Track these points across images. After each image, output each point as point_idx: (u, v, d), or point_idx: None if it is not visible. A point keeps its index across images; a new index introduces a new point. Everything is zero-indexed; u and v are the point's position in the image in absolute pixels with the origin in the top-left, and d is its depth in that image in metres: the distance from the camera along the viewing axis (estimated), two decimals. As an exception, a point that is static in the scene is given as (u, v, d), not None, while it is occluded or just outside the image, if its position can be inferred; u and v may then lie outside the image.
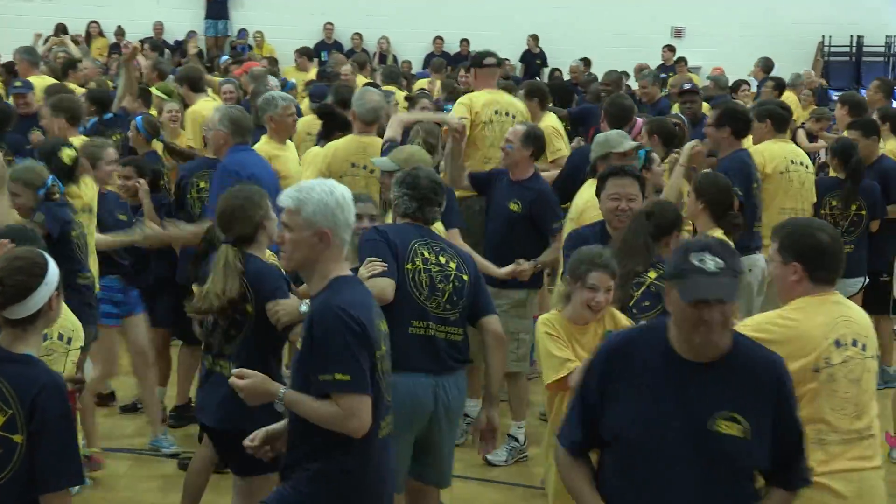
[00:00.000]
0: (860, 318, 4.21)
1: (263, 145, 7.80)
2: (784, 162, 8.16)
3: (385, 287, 5.09)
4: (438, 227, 5.76)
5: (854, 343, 4.11)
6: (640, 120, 8.44)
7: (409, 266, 5.28)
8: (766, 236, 7.30)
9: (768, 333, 3.94)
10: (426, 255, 5.32)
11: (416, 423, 5.24)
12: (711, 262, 3.26)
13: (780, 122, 8.32)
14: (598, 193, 5.91)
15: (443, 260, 5.37)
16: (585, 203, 6.56)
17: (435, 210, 5.44)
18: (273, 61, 18.39)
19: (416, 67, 21.71)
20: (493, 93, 8.44)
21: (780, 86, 14.27)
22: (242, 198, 5.19)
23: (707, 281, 3.27)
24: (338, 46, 22.26)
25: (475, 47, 21.95)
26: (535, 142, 7.34)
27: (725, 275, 3.30)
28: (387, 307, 4.82)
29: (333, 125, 8.63)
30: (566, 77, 18.94)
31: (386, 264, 5.16)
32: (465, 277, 5.42)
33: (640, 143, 7.08)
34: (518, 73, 20.96)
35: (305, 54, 18.42)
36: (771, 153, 8.08)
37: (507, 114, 8.26)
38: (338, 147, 7.91)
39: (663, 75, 17.19)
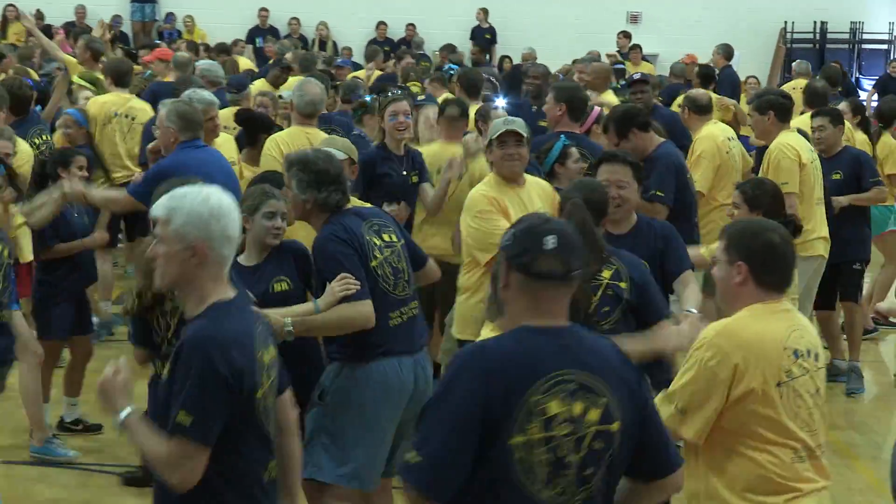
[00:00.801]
0: (810, 326, 4.12)
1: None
2: (809, 153, 8.14)
3: (369, 315, 5.17)
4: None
5: (809, 354, 4.00)
6: (597, 109, 8.44)
7: (374, 264, 5.30)
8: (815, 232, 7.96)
9: (730, 336, 3.88)
10: (376, 241, 5.35)
11: (400, 408, 5.33)
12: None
13: (783, 112, 8.14)
14: None
15: (386, 237, 5.41)
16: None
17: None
18: (195, 47, 17.85)
19: (358, 56, 21.35)
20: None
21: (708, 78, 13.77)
22: None
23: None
24: (274, 32, 21.91)
25: (422, 33, 22.07)
26: None
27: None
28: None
29: (256, 129, 8.48)
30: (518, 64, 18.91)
31: (358, 283, 5.16)
32: (403, 241, 5.51)
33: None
34: (468, 54, 20.72)
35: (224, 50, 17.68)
36: (799, 145, 8.00)
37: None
38: (282, 140, 7.87)
39: (619, 65, 17.02)
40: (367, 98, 9.38)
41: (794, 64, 16.14)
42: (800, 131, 8.50)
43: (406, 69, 14.05)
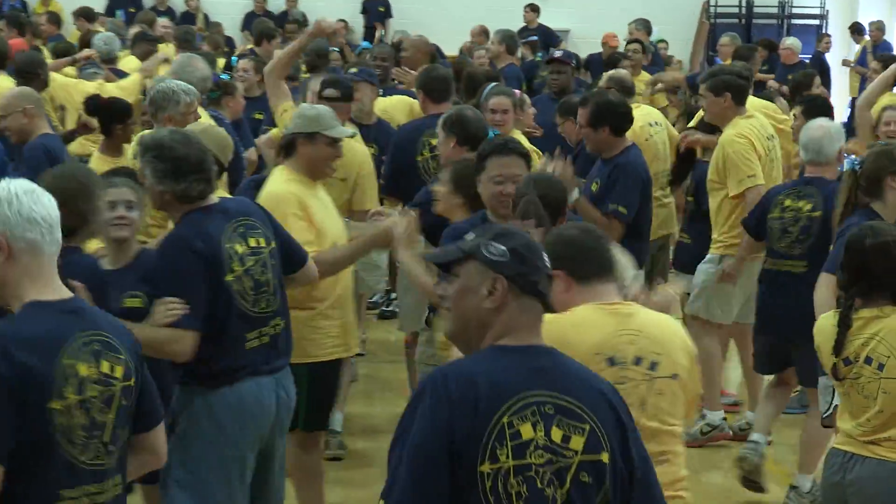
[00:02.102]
0: (658, 332, 4.04)
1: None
2: (765, 141, 7.94)
3: (185, 350, 4.92)
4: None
5: (638, 361, 3.97)
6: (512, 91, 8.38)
7: (229, 278, 5.04)
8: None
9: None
10: (239, 248, 5.10)
11: (261, 435, 5.18)
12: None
13: (740, 94, 7.95)
14: (476, 175, 5.73)
15: (253, 242, 5.17)
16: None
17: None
18: (57, 19, 16.83)
19: (233, 31, 20.19)
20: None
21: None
22: (76, 183, 5.08)
23: None
24: (136, 3, 20.52)
25: (304, 7, 20.89)
26: None
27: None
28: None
29: (111, 118, 7.86)
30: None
31: (181, 309, 4.90)
32: (274, 244, 5.27)
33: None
34: (361, 28, 20.13)
35: (84, 15, 16.53)
36: (753, 132, 7.83)
37: None
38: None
39: (534, 38, 16.40)
40: (225, 77, 9.16)
41: (722, 38, 15.60)
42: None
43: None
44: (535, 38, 16.50)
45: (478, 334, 3.27)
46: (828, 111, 8.39)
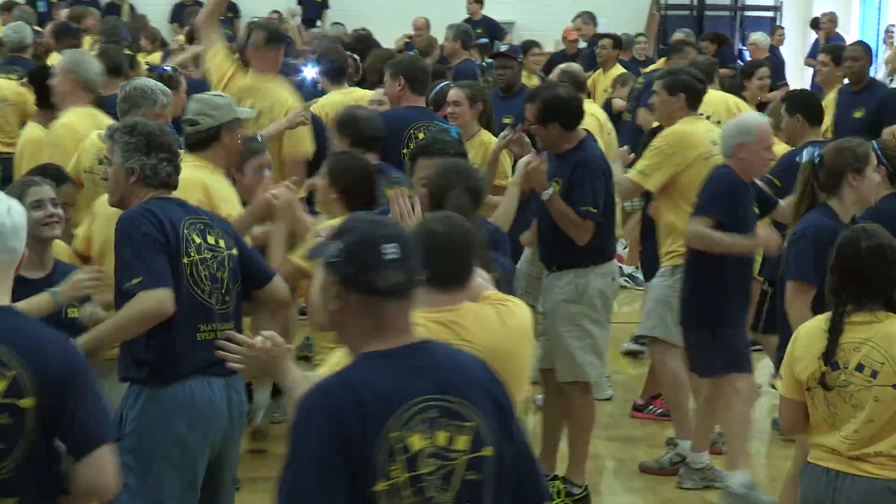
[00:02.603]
0: (493, 338, 4.01)
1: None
2: (709, 146, 7.77)
3: (164, 299, 4.92)
4: None
5: None
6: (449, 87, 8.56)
7: (186, 260, 5.07)
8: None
9: None
10: (196, 239, 5.12)
11: (214, 437, 5.13)
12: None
13: (695, 97, 7.91)
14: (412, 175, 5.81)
15: (212, 240, 5.18)
16: None
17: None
18: None
19: (160, 21, 19.61)
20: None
21: (620, 43, 14.11)
22: None
23: None
24: None
25: None
26: None
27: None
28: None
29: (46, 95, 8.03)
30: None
31: (149, 269, 4.93)
32: (235, 251, 5.27)
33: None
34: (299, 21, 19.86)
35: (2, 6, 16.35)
36: (698, 138, 7.79)
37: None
38: (79, 125, 7.44)
39: (484, 41, 16.03)
40: (168, 69, 8.90)
41: (677, 34, 15.10)
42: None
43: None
44: (485, 40, 16.18)
45: (339, 336, 3.28)
46: (811, 107, 8.25)
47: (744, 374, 7.08)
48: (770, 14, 21.96)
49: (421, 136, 7.63)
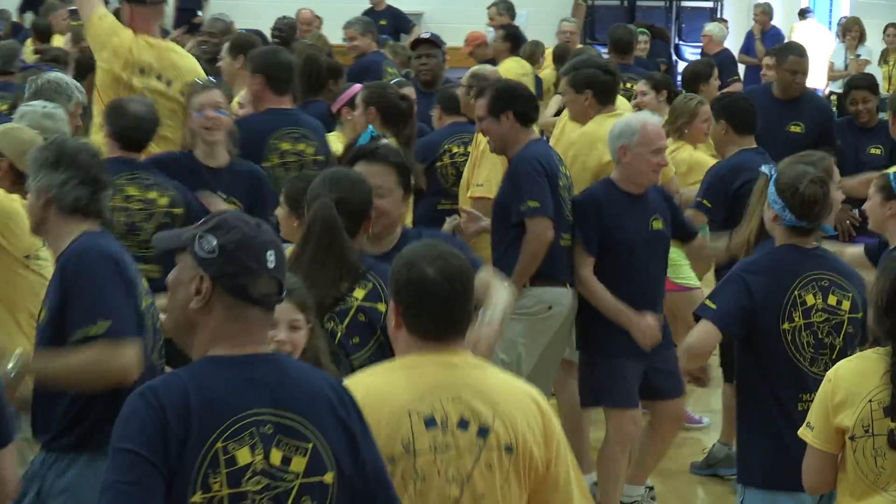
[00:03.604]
0: (490, 386, 3.76)
1: None
2: None
3: (130, 363, 4.67)
4: None
5: (463, 425, 3.69)
6: (357, 86, 8.27)
7: (144, 305, 4.95)
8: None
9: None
10: (145, 283, 5.01)
11: None
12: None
13: (605, 92, 7.94)
14: None
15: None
16: None
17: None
18: None
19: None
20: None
21: (515, 36, 13.96)
22: None
23: None
24: None
25: None
26: None
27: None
28: None
29: None
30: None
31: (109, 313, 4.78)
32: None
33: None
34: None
35: None
36: (605, 135, 7.46)
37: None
38: None
39: (386, 37, 15.55)
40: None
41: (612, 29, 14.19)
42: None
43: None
44: (386, 37, 15.59)
45: (189, 335, 3.28)
46: (738, 113, 7.93)
47: (619, 409, 6.98)
48: (710, 4, 22.00)
49: (285, 146, 7.54)
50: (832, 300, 5.23)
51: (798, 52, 9.67)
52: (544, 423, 3.79)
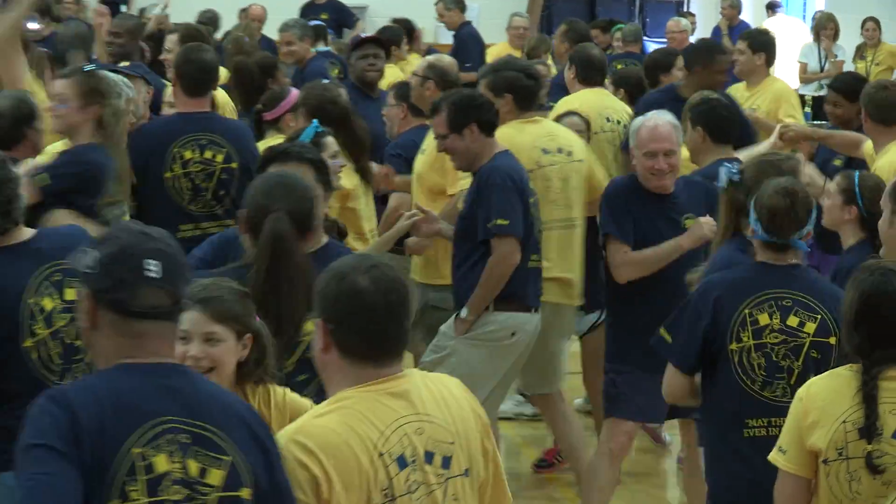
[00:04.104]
0: (447, 410, 3.67)
1: None
2: (550, 156, 7.80)
3: None
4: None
5: (429, 458, 3.61)
6: (294, 91, 8.17)
7: (28, 343, 4.93)
8: None
9: (308, 441, 3.51)
10: (48, 304, 4.95)
11: None
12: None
13: (525, 97, 7.88)
14: None
15: (71, 294, 4.95)
16: None
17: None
18: None
19: None
20: None
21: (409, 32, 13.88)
22: None
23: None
24: None
25: None
26: None
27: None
28: None
29: None
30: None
31: None
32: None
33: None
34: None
35: None
36: (519, 145, 7.59)
37: None
38: None
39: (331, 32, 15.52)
40: None
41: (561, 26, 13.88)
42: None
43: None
44: (331, 31, 15.46)
45: (92, 354, 3.31)
46: (717, 120, 7.59)
47: (618, 420, 6.98)
48: (676, -4, 21.46)
49: (189, 154, 7.33)
50: (793, 321, 5.15)
51: (722, 50, 9.82)
52: (484, 434, 3.76)
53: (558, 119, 8.39)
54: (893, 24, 18.60)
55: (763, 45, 10.09)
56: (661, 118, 6.92)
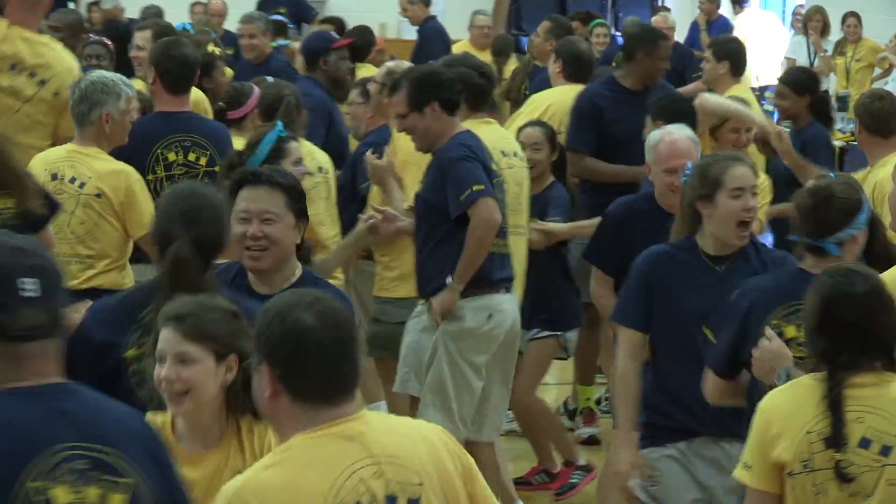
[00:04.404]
0: (409, 449, 3.53)
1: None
2: (496, 154, 7.53)
3: None
4: None
5: (391, 501, 3.48)
6: (256, 89, 8.14)
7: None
8: None
9: (252, 499, 3.35)
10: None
11: None
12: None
13: (476, 95, 7.67)
14: None
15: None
16: None
17: None
18: None
19: None
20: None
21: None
22: None
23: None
24: None
25: None
26: None
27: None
28: None
29: None
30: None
31: None
32: None
33: None
34: None
35: None
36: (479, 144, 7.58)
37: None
38: None
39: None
40: None
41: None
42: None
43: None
44: (293, 27, 15.58)
45: None
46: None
47: None
48: (649, -11, 21.27)
49: (172, 156, 7.43)
50: None
51: (665, 37, 9.74)
52: (466, 477, 3.62)
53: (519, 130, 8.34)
54: (877, 18, 18.27)
55: (728, 53, 9.96)
56: (679, 133, 6.75)
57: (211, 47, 9.82)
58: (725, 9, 19.26)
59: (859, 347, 4.38)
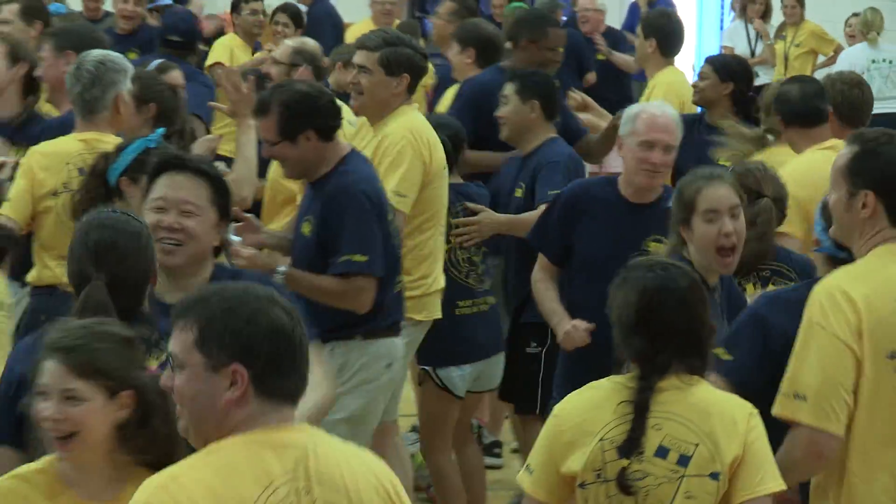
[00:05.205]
0: (349, 476, 3.46)
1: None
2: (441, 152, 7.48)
3: None
4: None
5: None
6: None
7: None
8: None
9: (180, 494, 3.29)
10: None
11: None
12: None
13: (417, 79, 7.44)
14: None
15: None
16: None
17: None
18: None
19: None
20: None
21: (296, 14, 12.73)
22: None
23: None
24: None
25: None
26: None
27: None
28: None
29: None
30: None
31: None
32: None
33: None
34: None
35: None
36: (422, 135, 7.27)
37: None
38: None
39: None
40: None
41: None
42: None
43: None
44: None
45: None
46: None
47: None
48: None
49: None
50: None
51: (556, 23, 9.51)
52: (389, 488, 3.56)
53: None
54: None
55: (655, 30, 9.57)
56: (664, 108, 6.61)
57: None
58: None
59: (677, 347, 4.30)
